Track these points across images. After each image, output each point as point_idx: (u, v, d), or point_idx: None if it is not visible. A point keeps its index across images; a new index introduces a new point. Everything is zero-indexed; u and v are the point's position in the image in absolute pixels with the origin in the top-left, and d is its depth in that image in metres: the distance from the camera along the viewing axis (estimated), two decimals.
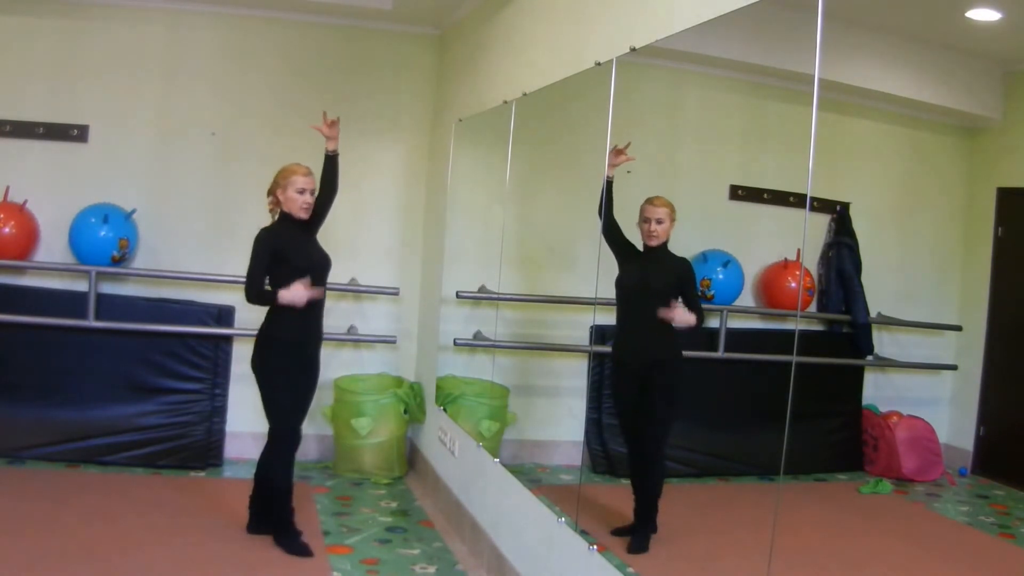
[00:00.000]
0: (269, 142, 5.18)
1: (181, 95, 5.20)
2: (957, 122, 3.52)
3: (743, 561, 2.84)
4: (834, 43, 2.16)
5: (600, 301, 3.44)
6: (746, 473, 3.71)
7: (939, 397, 3.71)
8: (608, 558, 2.91)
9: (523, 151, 4.18)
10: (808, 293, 3.84)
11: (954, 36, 3.13)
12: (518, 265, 4.54)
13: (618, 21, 3.09)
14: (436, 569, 3.87)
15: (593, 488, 3.70)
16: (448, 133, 5.05)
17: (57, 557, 3.56)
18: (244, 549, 3.84)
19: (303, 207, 3.83)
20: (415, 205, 5.59)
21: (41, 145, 5.01)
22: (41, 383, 4.90)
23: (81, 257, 4.91)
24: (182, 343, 5.09)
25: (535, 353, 4.78)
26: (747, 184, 3.81)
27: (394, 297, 5.48)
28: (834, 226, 3.84)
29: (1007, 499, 3.43)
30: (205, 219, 5.21)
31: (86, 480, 4.59)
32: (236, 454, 5.16)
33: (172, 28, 5.17)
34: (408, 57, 5.50)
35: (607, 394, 4.06)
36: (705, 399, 3.83)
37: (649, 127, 3.92)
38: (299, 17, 5.31)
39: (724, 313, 3.70)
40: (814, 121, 2.18)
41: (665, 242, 3.38)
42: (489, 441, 4.47)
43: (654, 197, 3.38)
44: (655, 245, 3.36)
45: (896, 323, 3.80)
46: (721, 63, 3.48)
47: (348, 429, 5.09)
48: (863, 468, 3.94)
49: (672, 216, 3.37)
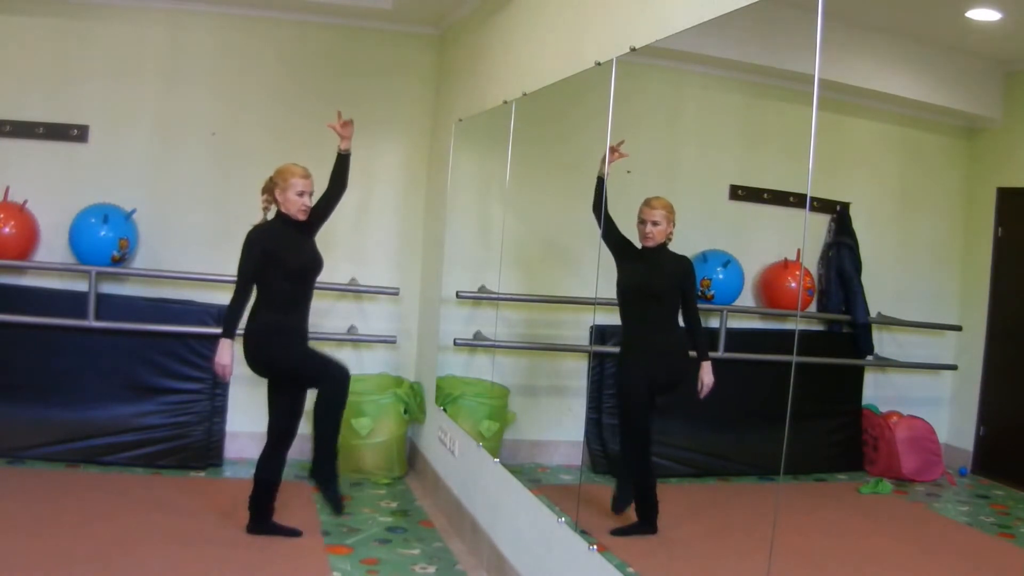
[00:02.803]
0: (269, 142, 5.18)
1: (181, 95, 5.20)
2: (957, 122, 3.52)
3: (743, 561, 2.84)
4: (834, 43, 2.16)
5: (600, 301, 3.44)
6: (746, 473, 3.71)
7: (939, 397, 3.71)
8: (608, 558, 2.91)
9: (523, 151, 4.18)
10: (808, 293, 3.84)
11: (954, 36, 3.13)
12: (518, 265, 4.54)
13: (618, 21, 3.09)
14: (436, 569, 3.87)
15: (593, 488, 3.70)
16: (448, 133, 5.05)
17: (57, 557, 3.56)
18: (244, 549, 3.84)
19: (302, 209, 3.85)
20: (415, 205, 5.59)
21: (41, 145, 5.01)
22: (41, 383, 4.90)
23: (81, 257, 4.91)
24: (182, 343, 5.09)
25: (535, 353, 4.78)
26: (747, 184, 3.80)
27: (394, 297, 5.48)
28: (834, 226, 3.84)
29: (1007, 499, 3.43)
30: (205, 219, 5.21)
31: (86, 480, 4.59)
32: (236, 454, 5.16)
33: (172, 28, 5.17)
34: (408, 57, 5.50)
35: (607, 394, 4.06)
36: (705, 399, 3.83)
37: (649, 127, 3.92)
38: (299, 17, 5.31)
39: (724, 313, 3.70)
40: (814, 121, 2.18)
41: (664, 242, 3.38)
42: (489, 441, 4.47)
43: (652, 198, 3.38)
44: (651, 246, 3.36)
45: (896, 323, 3.80)
46: (721, 63, 3.48)
47: (348, 429, 5.08)
48: (863, 468, 3.94)
49: (670, 217, 3.36)
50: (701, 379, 3.33)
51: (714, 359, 3.75)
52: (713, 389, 3.32)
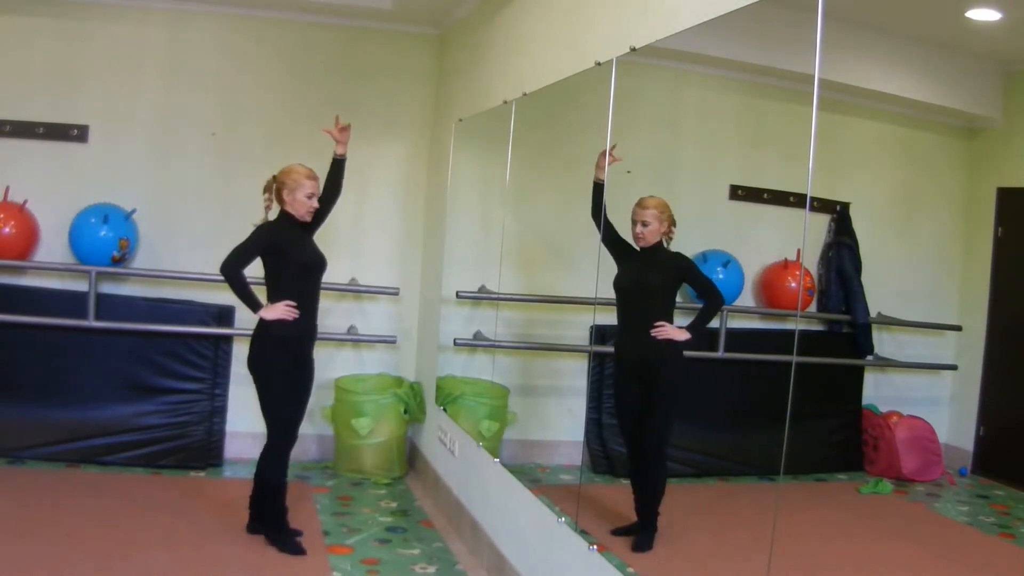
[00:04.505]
0: (269, 142, 5.18)
1: (181, 95, 5.20)
2: (957, 122, 3.52)
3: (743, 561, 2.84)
4: (834, 43, 2.16)
5: (600, 301, 3.44)
6: (746, 473, 3.71)
7: (939, 397, 3.71)
8: (608, 558, 2.91)
9: (523, 151, 4.18)
10: (808, 293, 3.84)
11: (954, 36, 3.13)
12: (518, 265, 4.54)
13: (618, 21, 3.09)
14: (436, 569, 3.87)
15: (593, 488, 3.70)
16: (448, 133, 5.05)
17: (57, 557, 3.56)
18: (244, 549, 3.84)
19: (310, 211, 3.88)
20: (415, 205, 5.59)
21: (41, 145, 5.01)
22: (41, 383, 4.90)
23: (81, 257, 4.91)
24: (182, 343, 5.09)
25: (535, 353, 4.78)
26: (747, 184, 3.80)
27: (394, 297, 5.48)
28: (834, 226, 3.84)
29: (1007, 499, 3.43)
30: (205, 219, 5.21)
31: (86, 480, 4.59)
32: (236, 454, 5.16)
33: (172, 28, 5.17)
34: (408, 57, 5.50)
35: (607, 394, 4.06)
36: (705, 399, 3.83)
37: (649, 127, 3.92)
38: (299, 17, 5.31)
39: (724, 313, 3.70)
40: (814, 121, 2.18)
41: (659, 242, 3.37)
42: (489, 441, 4.47)
43: (645, 198, 3.37)
44: (644, 246, 3.35)
45: (896, 323, 3.80)
46: (721, 63, 3.48)
47: (348, 429, 5.09)
48: (863, 468, 3.94)
49: (662, 217, 3.33)
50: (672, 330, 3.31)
51: (714, 359, 3.75)
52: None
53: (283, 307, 3.79)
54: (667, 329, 3.32)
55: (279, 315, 3.78)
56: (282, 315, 3.78)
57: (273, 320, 3.79)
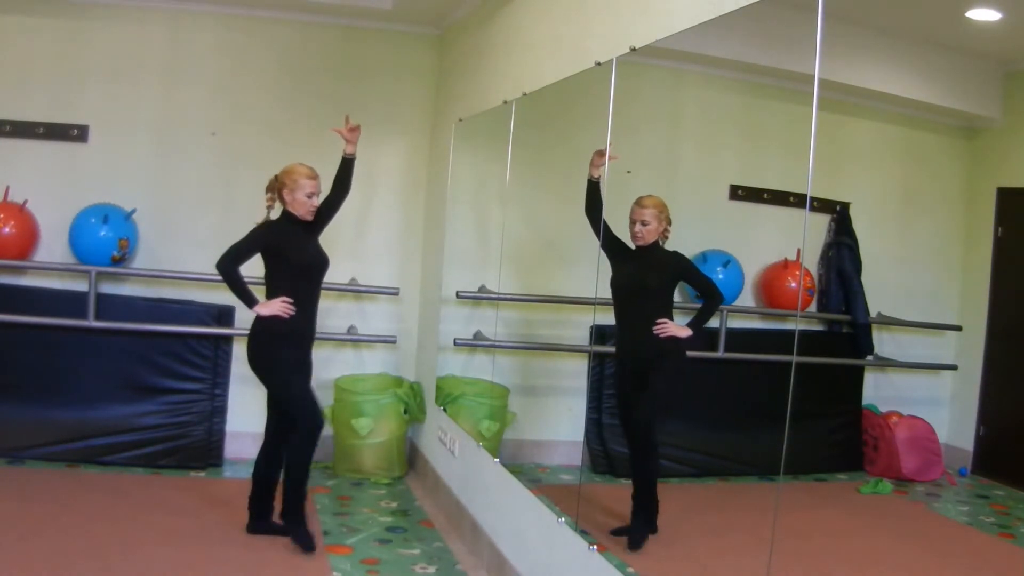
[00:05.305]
0: (269, 142, 5.18)
1: (181, 95, 5.20)
2: (957, 122, 3.52)
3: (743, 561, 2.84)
4: (834, 43, 2.16)
5: (600, 301, 3.44)
6: (746, 473, 3.71)
7: (939, 397, 3.71)
8: (608, 558, 2.91)
9: (523, 151, 4.18)
10: (808, 293, 3.84)
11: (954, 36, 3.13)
12: (518, 265, 4.54)
13: (618, 21, 3.09)
14: (436, 569, 3.87)
15: (593, 488, 3.70)
16: (448, 133, 5.05)
17: (57, 557, 3.56)
18: (244, 549, 3.84)
19: (310, 210, 3.88)
20: (415, 205, 5.59)
21: (41, 145, 5.01)
22: (41, 383, 4.90)
23: (81, 257, 4.91)
24: (182, 343, 5.09)
25: (535, 353, 4.78)
26: (747, 184, 3.81)
27: (394, 297, 5.48)
28: (834, 226, 3.84)
29: (1007, 499, 3.43)
30: (205, 219, 5.21)
31: (86, 480, 4.59)
32: (236, 454, 5.16)
33: (172, 28, 5.17)
34: (408, 57, 5.50)
35: (607, 394, 4.06)
36: (705, 399, 3.83)
37: (649, 127, 3.92)
38: (299, 17, 5.31)
39: (724, 313, 3.70)
40: (814, 121, 2.18)
41: (656, 241, 3.37)
42: (489, 441, 4.47)
43: (643, 197, 3.37)
44: (641, 245, 3.35)
45: (896, 323, 3.80)
46: (721, 63, 3.48)
47: (348, 429, 5.09)
48: (863, 468, 3.94)
49: (660, 216, 3.34)
50: (674, 328, 3.31)
51: (714, 359, 3.75)
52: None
53: (279, 303, 3.79)
54: (670, 327, 3.32)
55: (275, 311, 3.78)
56: (278, 311, 3.78)
57: (268, 317, 3.79)
